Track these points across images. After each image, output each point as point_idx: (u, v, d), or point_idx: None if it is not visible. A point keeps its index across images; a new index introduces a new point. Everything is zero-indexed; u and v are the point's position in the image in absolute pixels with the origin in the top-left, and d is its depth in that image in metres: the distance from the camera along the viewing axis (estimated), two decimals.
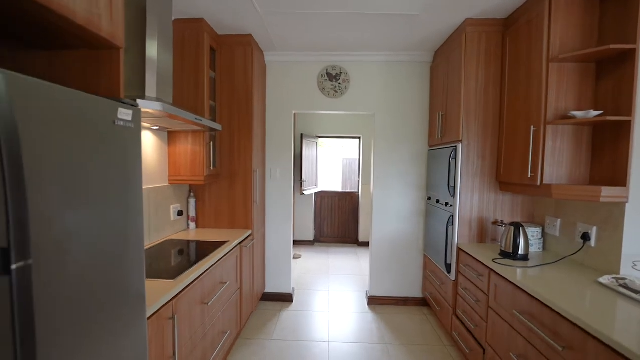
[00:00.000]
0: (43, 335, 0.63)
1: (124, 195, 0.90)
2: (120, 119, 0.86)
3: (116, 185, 0.87)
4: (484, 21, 2.14)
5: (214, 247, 1.98)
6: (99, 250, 0.82)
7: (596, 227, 1.69)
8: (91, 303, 0.80)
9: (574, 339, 1.17)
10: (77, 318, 0.75)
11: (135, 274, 0.97)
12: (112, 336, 0.88)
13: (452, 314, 2.28)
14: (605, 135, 1.64)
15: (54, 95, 0.66)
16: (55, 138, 0.67)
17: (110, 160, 0.84)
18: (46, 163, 0.64)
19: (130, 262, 0.95)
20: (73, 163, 0.72)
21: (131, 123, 0.90)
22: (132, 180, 0.93)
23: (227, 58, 2.46)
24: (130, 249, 0.95)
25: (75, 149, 0.72)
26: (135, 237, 0.97)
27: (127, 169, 0.90)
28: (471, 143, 2.20)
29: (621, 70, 1.55)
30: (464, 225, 2.24)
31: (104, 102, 0.80)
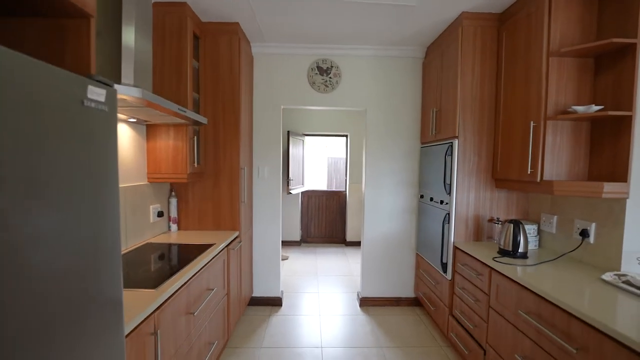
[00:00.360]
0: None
1: (95, 192, 0.75)
2: (90, 99, 0.70)
3: (85, 181, 0.71)
4: (480, 15, 2.09)
5: (199, 250, 1.82)
6: (67, 257, 0.66)
7: (595, 224, 1.68)
8: (57, 320, 0.65)
9: (589, 340, 1.12)
10: (38, 337, 0.60)
11: (111, 285, 0.82)
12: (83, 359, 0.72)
13: (449, 314, 2.23)
14: (605, 130, 1.63)
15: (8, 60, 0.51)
16: (3, 119, 0.52)
17: (78, 150, 0.68)
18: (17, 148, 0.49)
19: (104, 271, 0.80)
20: (30, 151, 0.56)
21: (104, 106, 0.75)
22: (105, 175, 0.77)
23: (211, 47, 2.29)
24: (104, 255, 0.80)
25: (32, 134, 0.57)
26: (111, 241, 0.81)
27: (99, 162, 0.75)
28: (467, 139, 2.16)
29: (621, 65, 1.54)
30: (461, 224, 2.20)
31: (68, 75, 0.65)
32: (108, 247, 0.81)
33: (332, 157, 7.51)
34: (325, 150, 8.01)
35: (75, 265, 0.70)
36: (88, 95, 0.70)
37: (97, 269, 0.78)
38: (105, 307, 0.81)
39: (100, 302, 0.79)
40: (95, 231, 0.76)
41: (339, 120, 4.92)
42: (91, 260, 0.75)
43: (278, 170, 2.84)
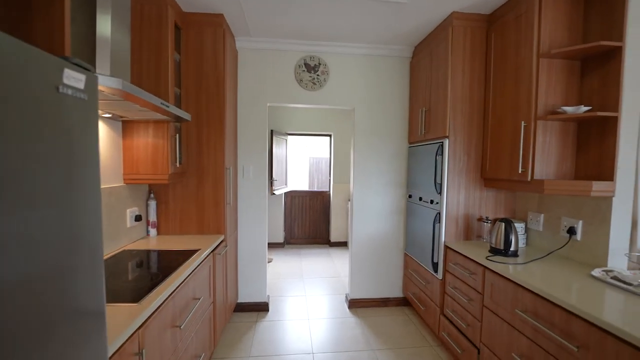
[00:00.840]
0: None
1: (72, 192, 0.63)
2: (67, 85, 0.59)
3: (60, 180, 0.60)
4: (469, 15, 2.11)
5: (183, 256, 1.69)
6: (36, 262, 0.55)
7: (582, 221, 1.72)
8: (21, 338, 0.53)
9: (589, 337, 1.13)
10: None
11: (91, 295, 0.71)
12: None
13: (440, 314, 2.23)
14: (591, 130, 1.67)
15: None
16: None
17: (53, 143, 0.57)
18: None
19: (83, 279, 0.68)
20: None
21: (83, 94, 0.64)
22: (84, 175, 0.66)
23: (194, 39, 2.15)
24: (83, 260, 0.68)
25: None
26: (91, 247, 0.70)
27: (77, 158, 0.63)
28: (457, 139, 2.17)
29: (607, 67, 1.58)
30: (451, 223, 2.20)
31: (39, 54, 0.53)
32: (86, 252, 0.69)
33: (313, 157, 7.45)
34: (306, 150, 7.94)
35: (46, 273, 0.58)
36: (64, 80, 0.58)
37: (74, 277, 0.66)
38: (84, 323, 0.69)
39: (78, 316, 0.67)
40: (73, 233, 0.64)
41: (322, 119, 4.86)
42: (66, 267, 0.64)
43: (264, 170, 2.73)
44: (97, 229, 0.72)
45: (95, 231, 0.71)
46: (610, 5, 1.56)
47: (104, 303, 0.75)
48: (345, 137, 4.93)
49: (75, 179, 0.63)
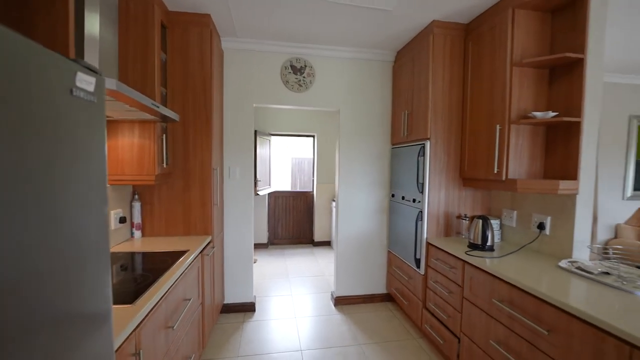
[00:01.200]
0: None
1: (85, 193, 0.64)
2: (79, 87, 0.60)
3: (74, 179, 0.61)
4: (448, 24, 2.23)
5: (172, 258, 1.68)
6: (47, 262, 0.56)
7: (550, 217, 1.88)
8: (36, 339, 0.54)
9: (558, 322, 1.25)
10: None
11: (99, 295, 0.71)
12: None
13: (422, 307, 2.34)
14: (558, 134, 1.83)
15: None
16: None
17: (67, 145, 0.58)
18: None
19: (90, 280, 0.69)
20: (20, 147, 0.46)
21: (93, 97, 0.65)
22: (94, 178, 0.67)
23: (180, 39, 2.13)
24: (91, 260, 0.69)
25: (20, 125, 0.47)
26: (100, 248, 0.71)
27: (87, 158, 0.64)
28: (438, 141, 2.28)
29: (571, 77, 1.74)
30: (433, 221, 2.32)
31: (56, 58, 0.54)
32: (94, 250, 0.70)
33: (296, 157, 7.47)
34: (288, 150, 7.94)
35: (55, 271, 0.59)
36: (77, 83, 0.59)
37: (81, 276, 0.67)
38: (91, 323, 0.70)
39: (86, 316, 0.68)
40: (86, 241, 0.65)
41: (306, 120, 4.91)
42: (75, 266, 0.64)
43: (250, 170, 2.74)
44: (104, 226, 0.73)
45: (103, 229, 0.72)
46: (574, 20, 1.72)
47: (110, 303, 0.76)
48: (329, 138, 5.00)
49: (86, 179, 0.64)
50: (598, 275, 1.47)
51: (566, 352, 1.21)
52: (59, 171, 0.56)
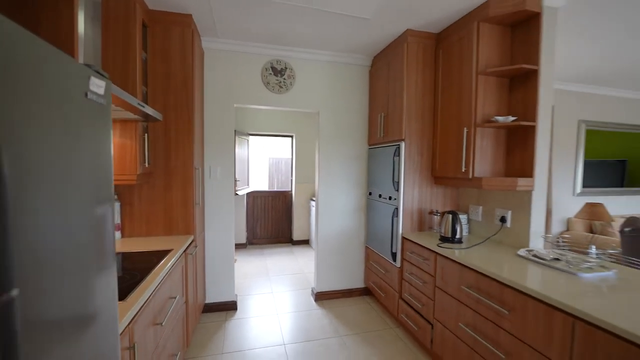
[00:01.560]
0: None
1: (97, 195, 0.68)
2: (92, 91, 0.64)
3: (88, 182, 0.65)
4: (421, 33, 2.39)
5: (157, 257, 1.69)
6: (73, 265, 0.60)
7: (511, 211, 2.09)
8: (65, 336, 0.58)
9: (517, 302, 1.42)
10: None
11: (106, 292, 0.75)
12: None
13: (399, 298, 2.49)
14: (517, 136, 2.04)
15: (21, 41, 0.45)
16: (25, 108, 0.46)
17: (85, 146, 0.62)
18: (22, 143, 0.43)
19: (100, 277, 0.73)
20: (48, 147, 0.51)
21: (103, 99, 0.69)
22: (104, 176, 0.71)
23: (161, 38, 2.12)
24: (101, 257, 0.73)
25: (46, 127, 0.51)
26: (108, 246, 0.75)
27: (100, 160, 0.68)
28: (412, 142, 2.44)
29: (528, 85, 1.95)
30: (407, 216, 2.47)
31: (73, 64, 0.59)
32: (102, 250, 0.74)
33: (273, 157, 7.48)
34: (265, 150, 7.93)
35: (82, 273, 0.63)
36: (90, 87, 0.63)
37: (91, 275, 0.70)
38: (103, 316, 0.74)
39: (98, 311, 0.72)
40: (94, 238, 0.69)
41: (284, 120, 4.96)
42: (86, 265, 0.68)
43: (231, 170, 2.76)
44: (112, 224, 0.76)
45: (110, 226, 0.76)
46: (529, 35, 1.93)
47: (116, 300, 0.80)
48: (307, 138, 5.08)
49: (96, 178, 0.68)
50: (550, 261, 1.67)
51: (523, 327, 1.38)
52: (76, 169, 0.61)
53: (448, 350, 1.90)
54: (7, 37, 0.42)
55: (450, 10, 2.08)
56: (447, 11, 2.09)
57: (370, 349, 2.24)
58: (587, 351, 1.12)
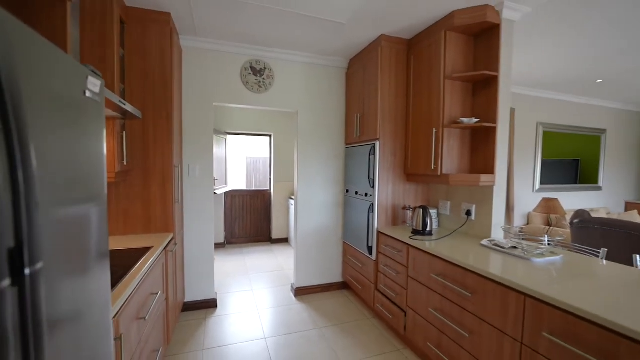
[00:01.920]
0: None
1: (94, 188, 0.72)
2: (90, 90, 0.69)
3: (85, 176, 0.69)
4: (394, 39, 2.54)
5: (138, 253, 1.69)
6: (76, 249, 0.64)
7: (475, 205, 2.27)
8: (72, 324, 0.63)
9: (478, 285, 1.58)
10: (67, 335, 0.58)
11: (100, 287, 0.79)
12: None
13: (375, 290, 2.62)
14: (480, 136, 2.23)
15: (40, 48, 0.50)
16: (38, 108, 0.51)
17: (83, 142, 0.66)
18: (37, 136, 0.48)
19: (96, 270, 0.77)
20: (55, 142, 0.55)
21: (98, 97, 0.73)
22: (98, 172, 0.75)
23: (139, 35, 2.11)
24: (97, 251, 0.77)
25: (55, 123, 0.56)
26: (102, 241, 0.79)
27: (95, 156, 0.73)
28: (386, 142, 2.58)
29: (489, 90, 2.14)
30: (382, 212, 2.61)
31: (75, 64, 0.63)
32: (100, 241, 0.78)
33: (251, 157, 7.45)
34: (243, 150, 7.87)
35: (82, 260, 0.68)
36: (88, 85, 0.68)
37: (93, 266, 0.74)
38: (98, 307, 0.78)
39: (95, 300, 0.76)
40: (91, 229, 0.73)
41: (262, 119, 4.98)
42: (89, 257, 0.72)
43: (211, 168, 2.77)
44: (105, 219, 0.80)
45: (105, 222, 0.80)
46: (490, 45, 2.12)
47: (109, 294, 0.83)
48: (286, 137, 5.14)
49: (93, 172, 0.72)
50: (508, 249, 1.85)
51: (484, 307, 1.54)
52: (78, 164, 0.65)
53: (419, 335, 2.04)
54: (27, 43, 0.47)
55: (420, 19, 2.23)
56: (417, 20, 2.24)
57: (348, 339, 2.35)
58: (534, 322, 1.28)
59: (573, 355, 1.14)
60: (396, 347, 2.25)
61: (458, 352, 1.71)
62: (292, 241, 4.96)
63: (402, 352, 2.20)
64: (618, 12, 2.19)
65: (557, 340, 1.18)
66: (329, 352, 2.18)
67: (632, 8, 2.13)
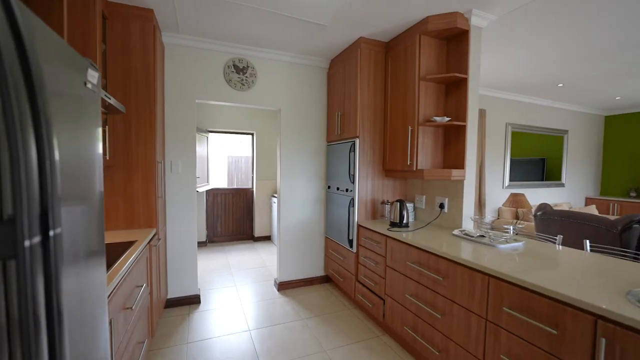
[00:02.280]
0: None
1: (91, 172, 0.77)
2: (89, 81, 0.74)
3: (85, 164, 0.74)
4: (372, 41, 2.66)
5: (122, 247, 1.71)
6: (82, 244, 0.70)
7: (447, 198, 2.43)
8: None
9: (449, 270, 1.72)
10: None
11: (97, 277, 0.84)
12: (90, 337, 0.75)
13: (355, 281, 2.73)
14: (452, 134, 2.39)
15: (52, 41, 0.55)
16: (54, 101, 0.56)
17: (85, 133, 0.71)
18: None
19: (96, 255, 0.82)
20: (63, 130, 0.61)
21: (96, 88, 0.78)
22: (96, 162, 0.80)
23: (120, 31, 2.11)
24: (95, 241, 0.82)
25: (65, 115, 0.61)
26: (99, 234, 0.83)
27: (93, 146, 0.78)
28: (366, 139, 2.70)
29: (459, 91, 2.30)
30: (362, 206, 2.73)
31: (79, 57, 0.69)
32: (97, 231, 0.82)
33: (232, 156, 7.40)
34: (224, 149, 7.80)
35: (82, 244, 0.72)
36: (88, 77, 0.73)
37: (91, 254, 0.79)
38: (94, 297, 0.82)
39: (93, 289, 0.80)
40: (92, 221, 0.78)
41: (245, 118, 5.00)
42: (89, 245, 0.77)
43: (193, 164, 2.79)
44: (102, 211, 0.85)
45: (101, 214, 0.84)
46: (460, 49, 2.28)
47: (104, 282, 0.88)
48: (268, 136, 5.18)
49: (92, 160, 0.77)
50: (477, 238, 2.01)
51: (454, 289, 1.68)
52: (83, 151, 0.70)
53: (397, 320, 2.17)
54: (46, 40, 0.53)
55: (396, 23, 2.37)
56: (394, 23, 2.37)
57: (329, 328, 2.45)
58: (497, 300, 1.43)
59: (528, 325, 1.29)
60: (376, 334, 2.37)
61: (432, 333, 1.84)
62: (274, 238, 5.01)
63: (381, 338, 2.32)
64: (577, 22, 2.41)
65: (515, 313, 1.33)
66: (311, 340, 2.27)
67: (589, 18, 2.35)
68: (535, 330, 1.26)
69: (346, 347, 2.19)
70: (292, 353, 2.12)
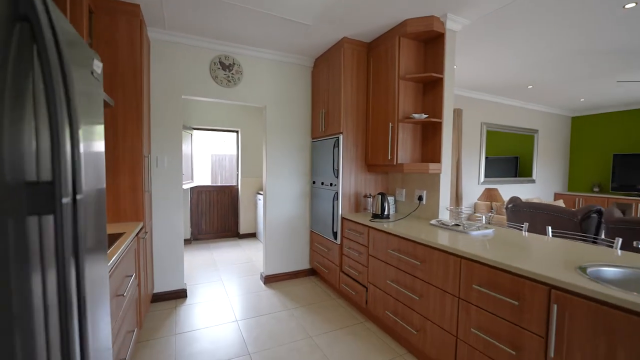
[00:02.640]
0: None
1: (96, 158, 0.83)
2: (95, 71, 0.80)
3: (94, 154, 0.80)
4: (355, 41, 2.78)
5: (111, 238, 1.74)
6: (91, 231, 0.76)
7: (426, 191, 2.58)
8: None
9: (426, 255, 1.85)
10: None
11: (99, 263, 0.90)
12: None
13: (340, 271, 2.84)
14: (429, 130, 2.54)
15: (74, 39, 0.62)
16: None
17: (90, 119, 0.78)
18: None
19: (96, 250, 0.88)
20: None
21: (100, 77, 0.84)
22: (99, 152, 0.86)
23: (108, 25, 2.12)
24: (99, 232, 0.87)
25: (82, 109, 0.68)
26: (100, 214, 0.89)
27: (98, 135, 0.84)
28: (349, 135, 2.82)
29: (436, 90, 2.46)
30: (345, 200, 2.84)
31: (88, 48, 0.75)
32: (101, 220, 0.88)
33: (216, 154, 7.36)
34: (207, 147, 7.74)
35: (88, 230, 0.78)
36: (94, 67, 0.79)
37: (95, 239, 0.85)
38: (96, 281, 0.88)
39: (98, 276, 0.86)
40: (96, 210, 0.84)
41: (230, 115, 5.01)
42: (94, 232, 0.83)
43: (179, 159, 2.81)
44: (104, 199, 0.91)
45: (104, 201, 0.90)
46: (437, 51, 2.43)
47: (106, 277, 0.94)
48: (253, 133, 5.21)
49: (95, 147, 0.83)
50: (452, 226, 2.17)
51: (430, 272, 1.82)
52: (90, 141, 0.76)
53: (379, 306, 2.29)
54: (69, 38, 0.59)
55: (377, 25, 2.49)
56: (375, 25, 2.50)
57: (315, 316, 2.55)
58: (467, 278, 1.57)
59: (495, 300, 1.43)
60: (359, 320, 2.49)
61: (411, 315, 1.98)
62: (260, 235, 5.05)
63: (364, 324, 2.44)
64: (543, 28, 2.62)
65: (483, 289, 1.47)
66: (298, 329, 2.35)
67: (553, 24, 2.56)
68: (500, 303, 1.41)
69: (331, 333, 2.29)
70: (279, 340, 2.20)
